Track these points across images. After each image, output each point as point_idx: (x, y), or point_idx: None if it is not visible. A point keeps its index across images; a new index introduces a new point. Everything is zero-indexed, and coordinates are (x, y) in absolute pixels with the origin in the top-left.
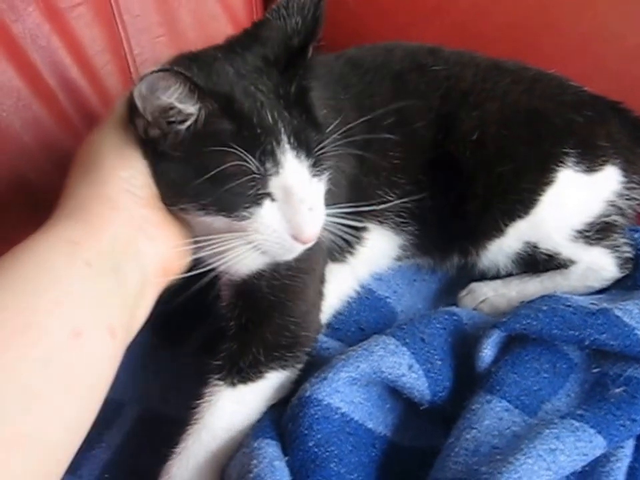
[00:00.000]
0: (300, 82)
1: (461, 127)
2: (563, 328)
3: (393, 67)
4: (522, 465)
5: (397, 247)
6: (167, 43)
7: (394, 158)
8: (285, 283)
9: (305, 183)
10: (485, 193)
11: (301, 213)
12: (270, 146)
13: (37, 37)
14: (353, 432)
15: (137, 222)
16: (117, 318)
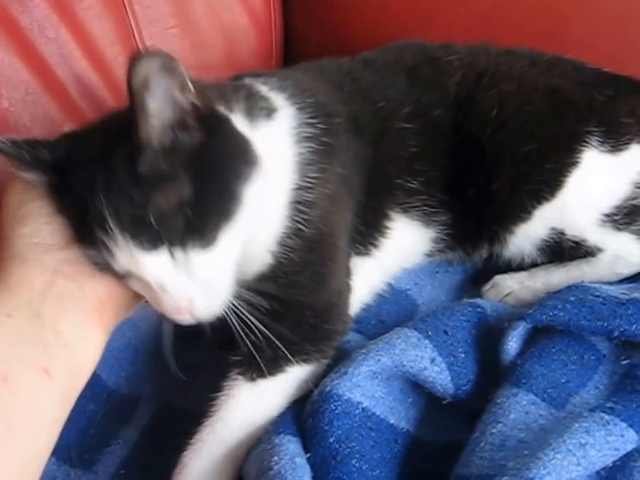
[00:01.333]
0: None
1: (479, 105)
2: (591, 319)
3: (405, 63)
4: (551, 461)
5: (428, 240)
6: (179, 34)
7: (412, 146)
8: (293, 280)
9: (145, 264)
10: (510, 173)
11: (153, 295)
12: (101, 235)
13: (45, 29)
14: (374, 427)
15: (51, 267)
16: (51, 359)
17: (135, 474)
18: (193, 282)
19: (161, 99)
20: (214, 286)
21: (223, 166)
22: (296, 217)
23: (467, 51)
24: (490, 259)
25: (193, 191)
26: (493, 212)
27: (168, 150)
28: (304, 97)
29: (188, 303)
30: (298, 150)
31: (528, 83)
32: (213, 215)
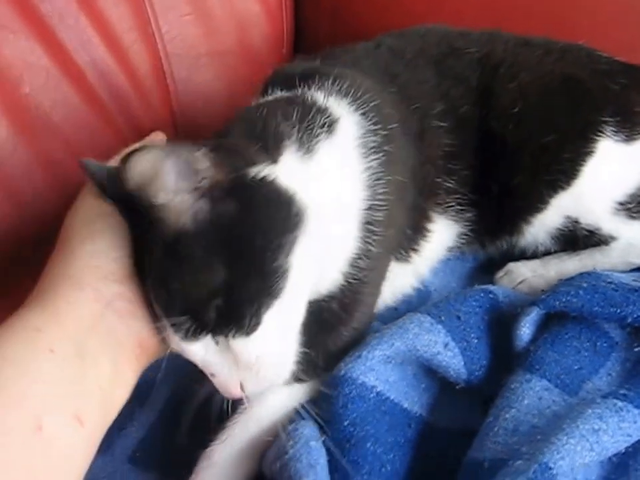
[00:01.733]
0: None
1: (500, 101)
2: (604, 305)
3: (431, 53)
4: (564, 445)
5: (455, 237)
6: (195, 21)
7: (446, 145)
8: (356, 298)
9: (189, 352)
10: (530, 165)
11: (211, 380)
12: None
13: (64, 16)
14: (388, 411)
15: (105, 298)
16: (85, 404)
17: (151, 455)
18: (239, 367)
19: (168, 188)
20: (265, 366)
21: (259, 242)
22: (367, 238)
23: (484, 39)
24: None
25: (226, 276)
26: (515, 205)
27: (197, 234)
28: (366, 100)
29: (237, 387)
30: (365, 165)
31: (544, 73)
32: (250, 300)
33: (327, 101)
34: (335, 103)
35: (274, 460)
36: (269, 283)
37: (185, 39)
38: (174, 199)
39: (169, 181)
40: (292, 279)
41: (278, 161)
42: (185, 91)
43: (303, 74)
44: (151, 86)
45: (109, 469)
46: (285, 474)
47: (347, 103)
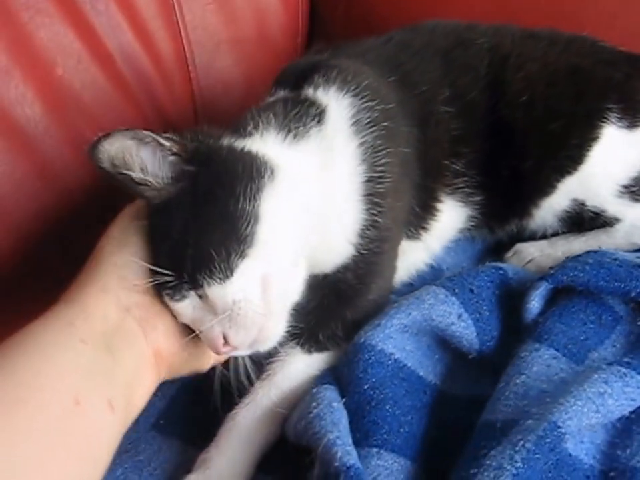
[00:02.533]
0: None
1: (509, 90)
2: (609, 280)
3: (439, 45)
4: (572, 407)
5: (465, 218)
6: (217, 10)
7: (453, 130)
8: (370, 268)
9: (177, 312)
10: (538, 152)
11: (200, 335)
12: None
13: (96, 2)
14: (405, 377)
15: (125, 305)
16: (115, 393)
17: (174, 423)
18: (220, 318)
19: (141, 167)
20: (244, 312)
21: (223, 194)
22: (372, 210)
23: (492, 31)
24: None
25: (199, 230)
26: (524, 189)
27: (174, 201)
28: (357, 82)
29: (220, 338)
30: (360, 140)
31: (550, 62)
32: (217, 245)
33: (316, 94)
34: (322, 93)
35: (298, 420)
36: (235, 228)
37: (206, 27)
38: (147, 177)
39: (139, 161)
40: (265, 228)
41: (247, 136)
42: (205, 75)
43: (303, 72)
44: (173, 70)
45: (134, 436)
46: (310, 431)
47: (334, 90)
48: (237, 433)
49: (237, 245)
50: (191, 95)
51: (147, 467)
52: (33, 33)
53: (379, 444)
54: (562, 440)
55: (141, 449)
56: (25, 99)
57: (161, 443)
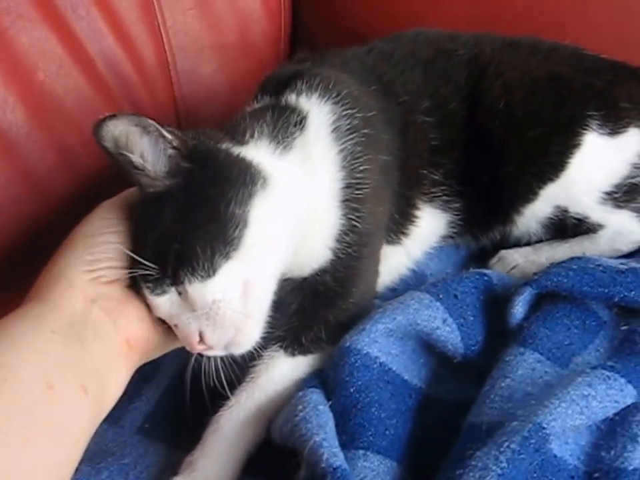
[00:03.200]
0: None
1: (487, 97)
2: (592, 285)
3: (420, 55)
4: (557, 409)
5: (445, 224)
6: (198, 16)
7: (432, 139)
8: (349, 272)
9: (156, 306)
10: (518, 159)
11: (175, 331)
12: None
13: (77, 7)
14: (391, 381)
15: (92, 297)
16: (88, 380)
17: (159, 427)
18: (198, 315)
19: (141, 152)
20: (222, 312)
21: (215, 195)
22: (350, 215)
23: (473, 41)
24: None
25: (187, 227)
26: (505, 197)
27: (166, 194)
28: (338, 89)
29: (196, 335)
30: (340, 146)
31: (530, 70)
32: (203, 244)
33: (298, 101)
34: (305, 100)
35: (284, 423)
36: (223, 230)
37: (188, 32)
38: (146, 162)
39: (140, 146)
40: (253, 233)
41: (244, 144)
42: (187, 81)
43: (287, 79)
44: (155, 76)
45: (120, 440)
46: (296, 434)
47: (316, 97)
48: (222, 436)
49: (223, 246)
50: (173, 101)
51: (132, 470)
52: (14, 38)
53: (365, 446)
54: (547, 441)
55: (126, 452)
56: (6, 103)
57: (146, 446)
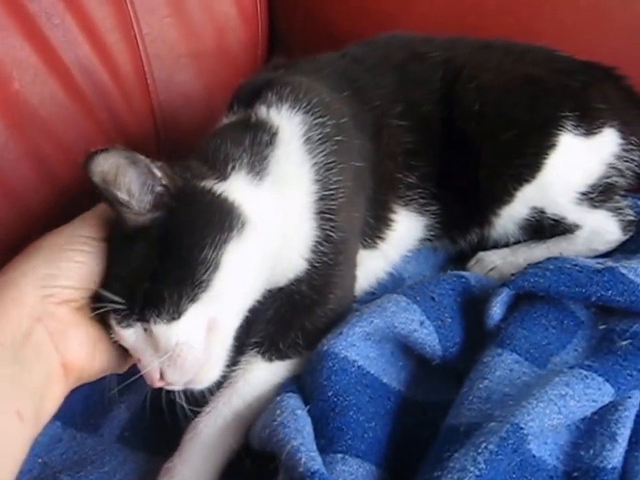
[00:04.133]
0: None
1: (462, 100)
2: (569, 285)
3: (393, 59)
4: (534, 408)
5: (422, 227)
6: (175, 23)
7: (407, 143)
8: (325, 280)
9: (121, 337)
10: (494, 160)
11: (138, 364)
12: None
13: (52, 16)
14: (369, 384)
15: (38, 314)
16: (24, 404)
17: (139, 435)
18: (160, 355)
19: (128, 189)
20: (184, 355)
21: (191, 238)
22: (324, 226)
23: (447, 44)
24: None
25: (157, 264)
26: (481, 199)
27: (145, 229)
28: (309, 98)
29: (157, 373)
30: (313, 159)
31: (504, 72)
32: (172, 286)
33: (268, 114)
34: (275, 113)
35: (262, 428)
36: (193, 273)
37: (165, 40)
38: (132, 199)
39: (128, 183)
40: (222, 277)
41: (227, 179)
42: (164, 89)
43: (259, 89)
44: (132, 84)
45: (99, 448)
46: (274, 438)
47: (286, 109)
48: (200, 442)
49: (191, 289)
50: (151, 109)
51: (112, 478)
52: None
53: (344, 450)
54: (525, 441)
55: (106, 460)
56: None
57: (126, 454)
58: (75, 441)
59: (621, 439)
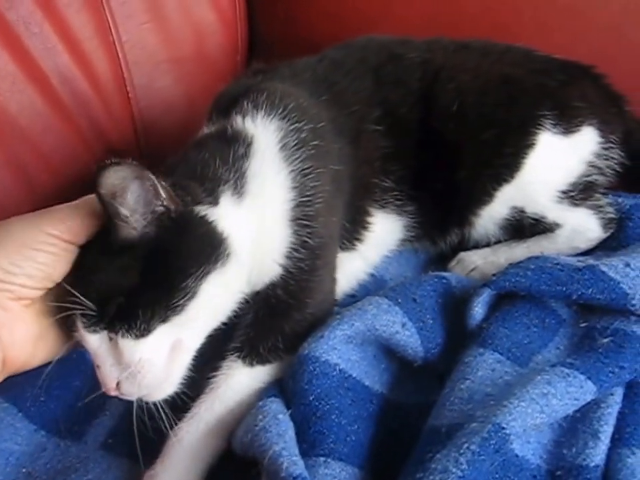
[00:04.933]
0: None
1: (440, 101)
2: (550, 284)
3: (371, 62)
4: (516, 408)
5: (401, 228)
6: (154, 30)
7: (384, 147)
8: (302, 285)
9: (86, 340)
10: (473, 161)
11: (96, 369)
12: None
13: (30, 24)
14: (351, 387)
15: None
16: None
17: (123, 442)
18: (121, 367)
19: (132, 205)
20: (144, 372)
21: (178, 264)
22: (300, 232)
23: (425, 46)
24: (458, 242)
25: (137, 282)
26: (459, 199)
27: (133, 244)
28: (285, 103)
29: (114, 383)
30: (289, 165)
31: (482, 73)
32: (146, 306)
33: (244, 124)
34: (250, 122)
35: (244, 433)
36: (170, 298)
37: (144, 46)
38: (132, 215)
39: (133, 199)
40: (198, 304)
41: (218, 203)
42: (144, 96)
43: (236, 97)
44: (112, 91)
45: (83, 456)
46: (256, 444)
47: (262, 116)
48: (181, 448)
49: (164, 311)
50: (131, 116)
51: None
52: None
53: (326, 453)
54: (507, 441)
55: (90, 467)
56: None
57: (110, 461)
58: (59, 449)
59: (603, 437)
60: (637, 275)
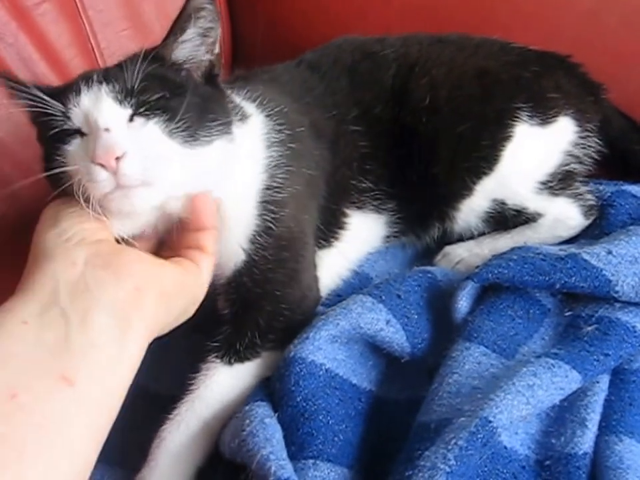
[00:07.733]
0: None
1: (412, 96)
2: (533, 274)
3: (345, 62)
4: (502, 401)
5: (383, 224)
6: (133, 36)
7: (362, 147)
8: (267, 275)
9: (105, 108)
10: (449, 155)
11: (96, 135)
12: (77, 87)
13: (4, 35)
14: (338, 386)
15: (81, 260)
16: (73, 364)
17: (111, 451)
18: (136, 146)
19: (198, 30)
20: (152, 167)
21: (209, 108)
22: (266, 216)
23: (400, 42)
24: (441, 235)
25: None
26: (438, 193)
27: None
28: (271, 106)
29: (119, 150)
30: (267, 153)
31: (456, 67)
32: (190, 120)
33: (241, 101)
34: (247, 104)
35: (232, 439)
36: (204, 122)
37: (124, 53)
38: (191, 41)
39: (204, 24)
40: (220, 140)
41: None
42: None
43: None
44: None
45: None
46: (244, 448)
47: (255, 106)
48: (166, 451)
49: (202, 129)
50: None
51: None
52: None
53: (315, 455)
54: (494, 434)
55: None
56: None
57: (103, 470)
58: None
59: (591, 425)
60: (620, 261)
